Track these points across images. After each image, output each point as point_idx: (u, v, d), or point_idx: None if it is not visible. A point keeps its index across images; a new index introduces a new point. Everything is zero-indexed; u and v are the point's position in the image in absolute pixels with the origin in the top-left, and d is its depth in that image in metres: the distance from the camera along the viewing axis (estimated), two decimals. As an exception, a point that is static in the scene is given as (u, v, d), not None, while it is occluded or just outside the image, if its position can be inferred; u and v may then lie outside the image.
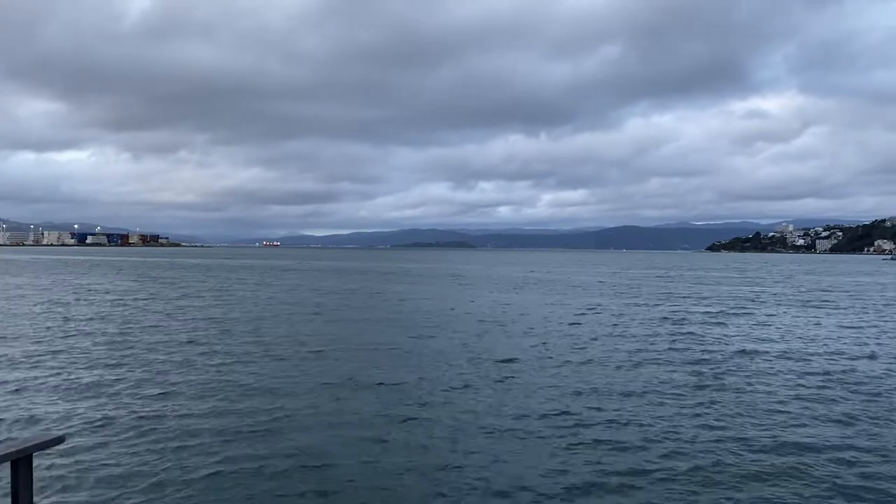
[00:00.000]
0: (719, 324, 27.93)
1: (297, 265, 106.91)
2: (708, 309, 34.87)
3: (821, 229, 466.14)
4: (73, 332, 22.61)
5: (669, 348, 20.54)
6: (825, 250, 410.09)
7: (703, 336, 23.62)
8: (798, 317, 31.43)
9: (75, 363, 16.86)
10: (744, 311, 34.11)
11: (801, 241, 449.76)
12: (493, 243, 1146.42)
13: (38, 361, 17.01)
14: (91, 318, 27.10)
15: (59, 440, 4.94)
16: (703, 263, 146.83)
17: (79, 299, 36.58)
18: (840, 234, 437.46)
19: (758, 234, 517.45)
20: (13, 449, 4.50)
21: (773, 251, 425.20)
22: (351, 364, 17.32)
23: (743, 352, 20.02)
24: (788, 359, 18.90)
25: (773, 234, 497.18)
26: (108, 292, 42.51)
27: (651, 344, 21.45)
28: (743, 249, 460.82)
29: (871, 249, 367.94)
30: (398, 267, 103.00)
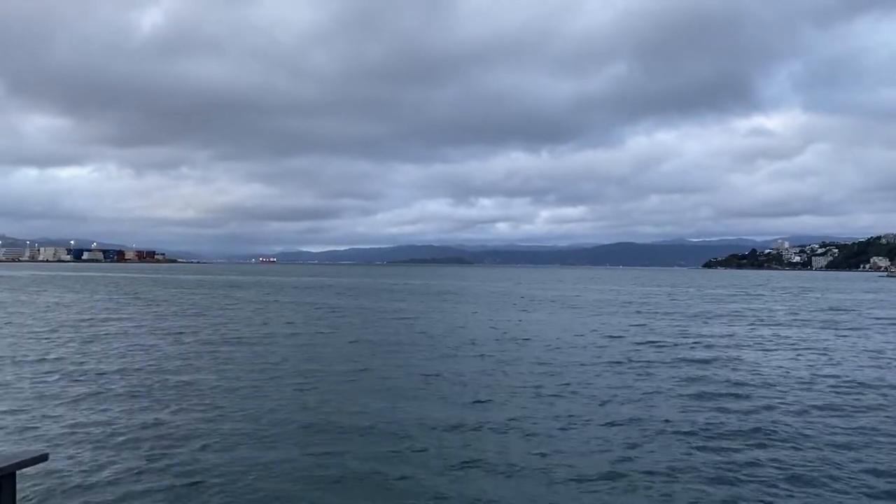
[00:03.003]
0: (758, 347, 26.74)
1: (295, 282, 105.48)
2: (738, 330, 33.77)
3: (817, 246, 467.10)
4: (56, 349, 21.84)
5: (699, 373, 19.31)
6: (821, 267, 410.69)
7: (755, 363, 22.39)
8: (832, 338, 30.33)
9: (60, 381, 16.43)
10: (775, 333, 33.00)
11: (797, 258, 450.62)
12: (489, 259, 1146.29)
13: (21, 378, 16.58)
14: (75, 336, 26.05)
15: (43, 457, 4.80)
16: (706, 281, 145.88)
17: (63, 316, 35.37)
18: (836, 250, 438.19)
19: (754, 251, 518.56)
20: None
21: (769, 268, 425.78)
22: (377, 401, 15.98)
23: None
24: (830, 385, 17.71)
25: (769, 250, 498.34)
26: (93, 309, 41.27)
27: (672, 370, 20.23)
28: (739, 266, 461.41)
29: (867, 266, 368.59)
30: (393, 284, 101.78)
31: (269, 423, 12.29)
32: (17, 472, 4.50)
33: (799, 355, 22.76)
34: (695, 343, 25.79)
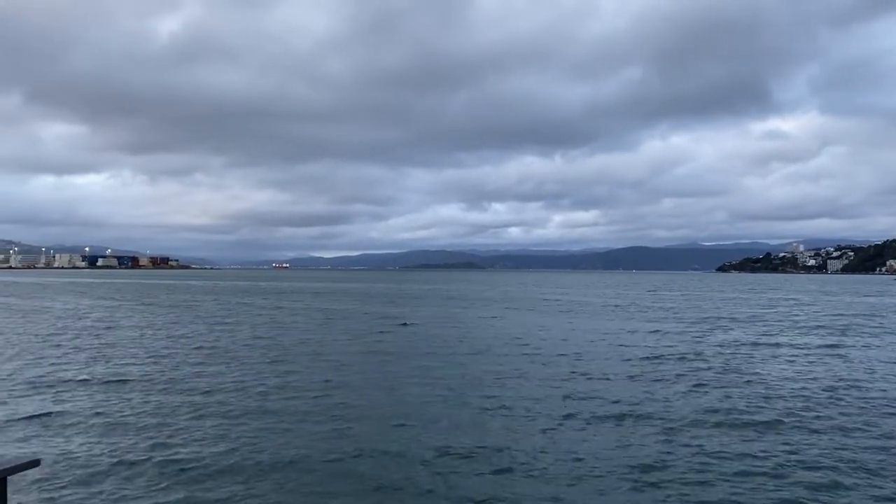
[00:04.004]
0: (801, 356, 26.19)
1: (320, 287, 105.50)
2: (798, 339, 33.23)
3: (832, 249, 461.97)
4: (62, 356, 21.84)
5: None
6: (836, 270, 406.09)
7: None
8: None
9: (53, 386, 16.38)
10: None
11: (812, 262, 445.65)
12: (501, 264, 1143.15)
13: (13, 384, 16.54)
14: (82, 343, 25.94)
15: (35, 463, 4.79)
16: (721, 285, 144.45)
17: (64, 322, 35.42)
18: (851, 254, 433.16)
19: (768, 254, 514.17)
20: None
21: (783, 272, 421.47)
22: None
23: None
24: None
25: (783, 254, 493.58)
26: (103, 316, 41.33)
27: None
28: (753, 270, 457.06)
29: (883, 269, 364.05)
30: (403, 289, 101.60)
31: (278, 446, 11.48)
32: (8, 478, 4.45)
33: (823, 363, 22.29)
34: (717, 352, 25.32)
